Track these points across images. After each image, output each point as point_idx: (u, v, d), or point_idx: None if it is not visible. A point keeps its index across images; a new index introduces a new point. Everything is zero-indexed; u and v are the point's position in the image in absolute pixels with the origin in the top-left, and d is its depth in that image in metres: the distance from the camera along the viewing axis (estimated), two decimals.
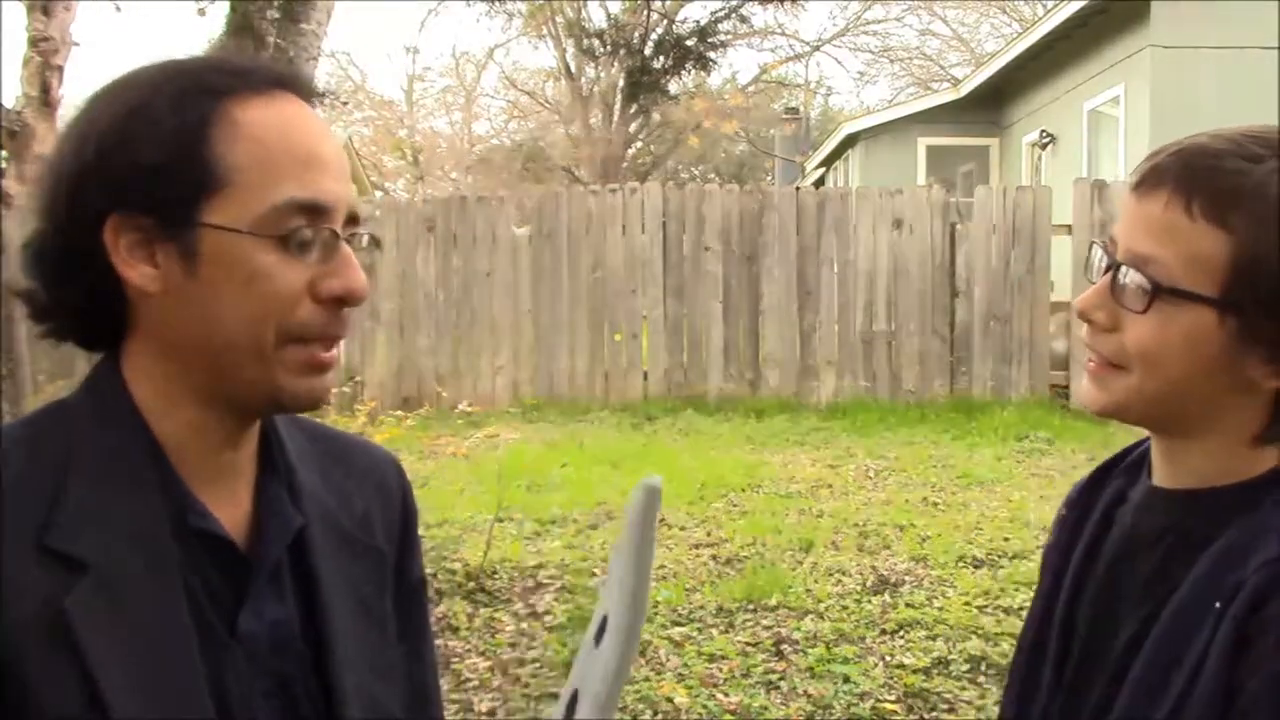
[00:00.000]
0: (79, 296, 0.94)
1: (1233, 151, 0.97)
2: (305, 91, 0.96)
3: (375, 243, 1.00)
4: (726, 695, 3.72)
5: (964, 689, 3.76)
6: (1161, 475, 1.08)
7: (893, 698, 3.70)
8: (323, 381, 0.95)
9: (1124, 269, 1.00)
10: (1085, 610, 1.11)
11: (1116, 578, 1.08)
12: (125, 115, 0.90)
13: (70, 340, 0.97)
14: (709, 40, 19.55)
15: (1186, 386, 1.00)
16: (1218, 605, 0.95)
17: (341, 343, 0.95)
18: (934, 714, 3.63)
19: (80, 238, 0.91)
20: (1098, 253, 1.05)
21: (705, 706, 3.63)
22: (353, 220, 0.95)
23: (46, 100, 7.94)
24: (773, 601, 4.59)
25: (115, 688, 0.85)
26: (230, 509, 0.97)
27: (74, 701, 0.84)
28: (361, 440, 1.17)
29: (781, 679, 3.86)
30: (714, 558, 5.30)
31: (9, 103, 7.95)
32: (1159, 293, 0.97)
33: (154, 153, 0.89)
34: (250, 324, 0.90)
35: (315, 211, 0.91)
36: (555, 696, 3.76)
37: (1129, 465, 1.15)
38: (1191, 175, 0.97)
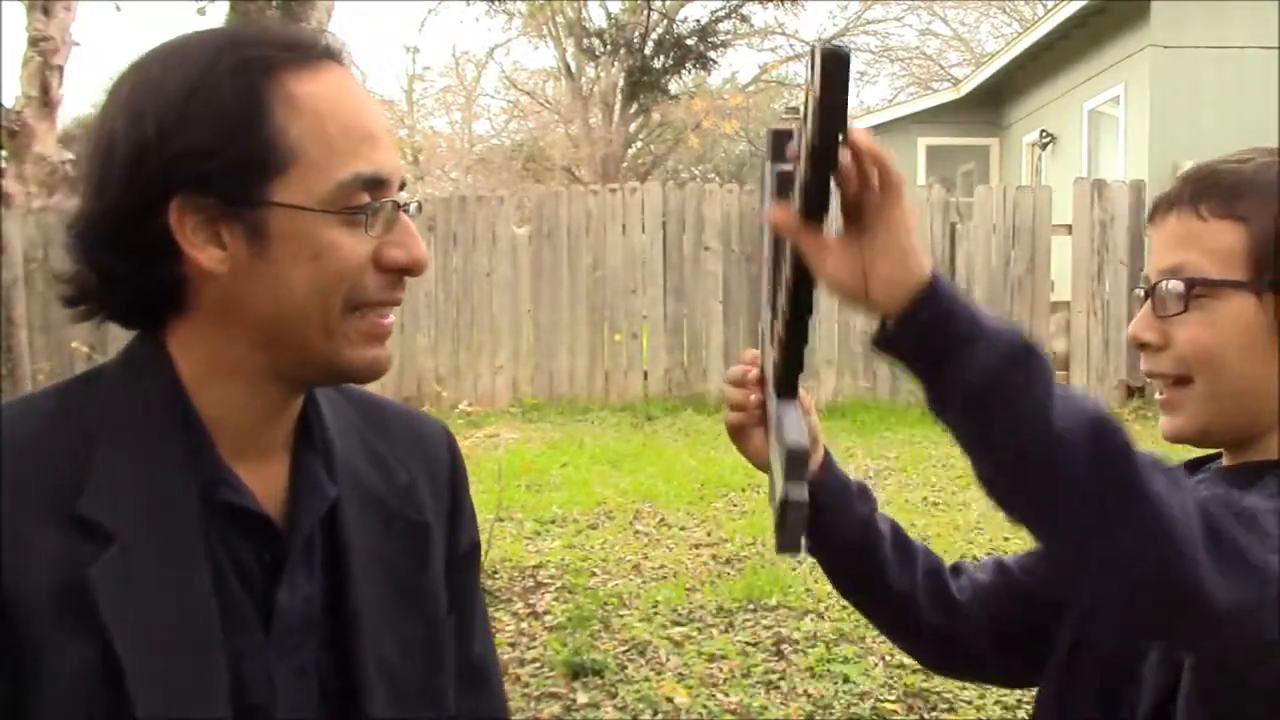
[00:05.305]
0: (136, 278, 0.91)
1: (1223, 161, 1.08)
2: (348, 62, 0.96)
3: (420, 208, 1.01)
4: (726, 695, 3.72)
5: (964, 689, 3.76)
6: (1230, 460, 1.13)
7: (893, 698, 3.70)
8: (384, 350, 0.96)
9: (1160, 286, 1.06)
10: None
11: None
12: (184, 92, 0.87)
13: (110, 320, 0.95)
14: (709, 40, 19.56)
15: (1250, 382, 1.04)
16: None
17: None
18: (934, 714, 3.63)
19: (140, 219, 0.88)
20: (1139, 292, 1.12)
21: (705, 706, 3.63)
22: (401, 188, 0.96)
23: (46, 100, 7.95)
24: (773, 601, 4.58)
25: (133, 662, 0.83)
26: (267, 484, 0.95)
27: (90, 674, 0.83)
28: (411, 411, 1.15)
29: (781, 679, 3.85)
30: (714, 557, 5.30)
31: (9, 103, 7.95)
32: (1193, 288, 1.03)
33: (217, 133, 0.87)
34: (318, 297, 0.90)
35: (377, 184, 0.92)
36: (555, 696, 3.77)
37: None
38: (1193, 187, 1.06)
